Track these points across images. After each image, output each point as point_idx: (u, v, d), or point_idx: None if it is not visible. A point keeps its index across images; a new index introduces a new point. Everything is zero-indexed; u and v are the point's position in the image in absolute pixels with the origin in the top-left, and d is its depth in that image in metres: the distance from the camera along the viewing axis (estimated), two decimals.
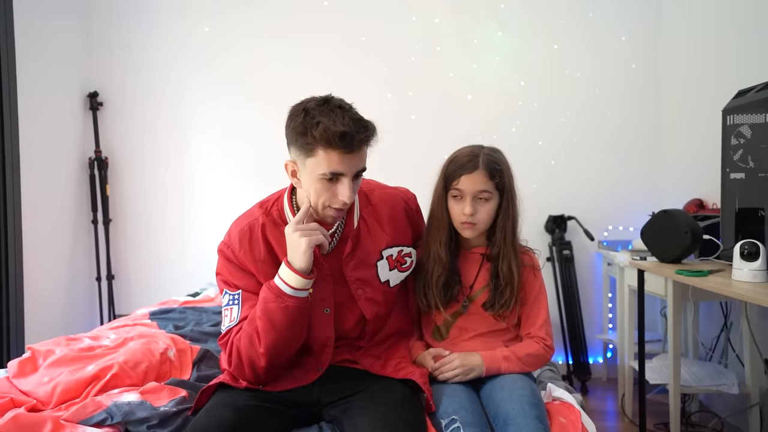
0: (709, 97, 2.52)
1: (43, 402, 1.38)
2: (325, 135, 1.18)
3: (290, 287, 1.22)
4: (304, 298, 1.24)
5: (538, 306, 1.45)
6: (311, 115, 1.21)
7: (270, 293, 1.23)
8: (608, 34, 3.08)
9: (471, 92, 3.14)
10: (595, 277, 3.15)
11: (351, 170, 1.23)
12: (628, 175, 3.09)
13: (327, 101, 1.24)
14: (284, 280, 1.23)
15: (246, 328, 1.26)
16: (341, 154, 1.20)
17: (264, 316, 1.23)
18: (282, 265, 1.25)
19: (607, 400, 2.84)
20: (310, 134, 1.19)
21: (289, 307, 1.22)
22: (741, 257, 1.58)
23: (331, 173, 1.22)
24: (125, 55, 3.22)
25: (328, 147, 1.19)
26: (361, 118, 1.24)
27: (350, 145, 1.19)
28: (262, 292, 1.26)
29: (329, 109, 1.21)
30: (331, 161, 1.20)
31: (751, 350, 2.13)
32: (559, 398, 1.37)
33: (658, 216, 1.92)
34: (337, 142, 1.18)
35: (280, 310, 1.22)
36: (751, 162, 1.73)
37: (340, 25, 3.16)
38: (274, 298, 1.23)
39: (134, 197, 3.26)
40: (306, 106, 1.24)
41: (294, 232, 1.22)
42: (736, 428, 2.37)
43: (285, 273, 1.23)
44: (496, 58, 3.13)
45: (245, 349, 1.26)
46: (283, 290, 1.22)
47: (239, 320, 1.29)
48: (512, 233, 1.43)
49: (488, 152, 1.43)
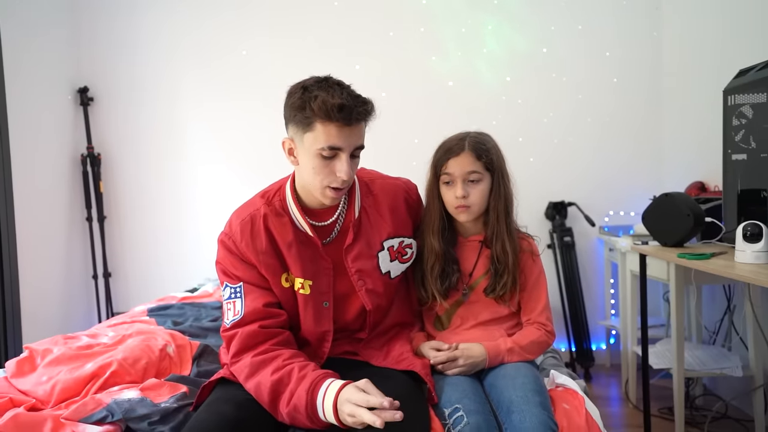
0: (709, 78, 2.50)
1: (42, 401, 1.37)
2: (323, 107, 1.18)
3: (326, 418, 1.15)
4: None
5: (537, 291, 1.45)
6: (309, 90, 1.21)
7: (305, 412, 1.16)
8: (608, 13, 3.04)
9: (453, 79, 3.12)
10: (596, 263, 3.14)
11: (349, 145, 1.23)
12: (628, 159, 3.07)
13: (326, 79, 1.24)
14: (326, 414, 1.14)
15: (264, 385, 1.20)
16: (339, 127, 1.20)
17: (289, 414, 1.18)
18: (330, 395, 1.14)
19: (611, 386, 2.84)
20: (308, 107, 1.19)
21: (315, 423, 1.17)
22: (743, 239, 1.57)
23: (329, 147, 1.21)
24: (115, 49, 3.18)
25: (326, 120, 1.19)
26: (359, 95, 1.24)
27: (348, 118, 1.19)
28: (299, 399, 1.16)
29: (328, 85, 1.22)
30: (329, 134, 1.20)
31: (754, 332, 2.12)
32: (562, 385, 1.37)
33: (659, 200, 1.90)
34: (335, 114, 1.18)
35: (305, 422, 1.17)
36: (753, 142, 1.71)
37: (333, 20, 3.12)
38: (306, 417, 1.16)
39: (129, 193, 3.23)
40: (305, 83, 1.24)
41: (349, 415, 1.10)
42: (740, 411, 2.36)
43: (329, 410, 1.13)
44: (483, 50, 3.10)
45: (251, 388, 1.23)
46: (321, 418, 1.15)
47: (243, 314, 1.27)
48: (505, 213, 1.43)
49: (474, 135, 1.43)
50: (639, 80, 3.05)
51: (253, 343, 1.26)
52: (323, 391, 1.15)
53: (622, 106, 3.06)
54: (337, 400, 1.12)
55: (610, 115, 3.07)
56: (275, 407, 1.20)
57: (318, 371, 1.21)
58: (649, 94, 3.05)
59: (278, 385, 1.19)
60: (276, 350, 1.25)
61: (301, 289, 1.32)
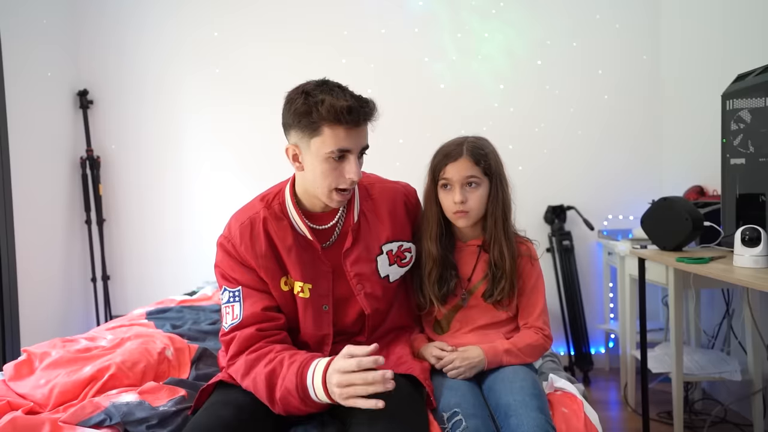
0: (707, 82, 2.51)
1: (40, 404, 1.36)
2: (332, 110, 1.18)
3: (317, 397, 1.15)
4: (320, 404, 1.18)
5: (535, 295, 1.45)
6: (312, 95, 1.21)
7: (296, 394, 1.16)
8: (606, 20, 3.05)
9: (445, 82, 3.12)
10: (595, 266, 3.14)
11: (357, 146, 1.24)
12: (627, 163, 3.07)
13: (325, 82, 1.25)
14: (316, 390, 1.15)
15: (259, 379, 1.20)
16: (347, 130, 1.21)
17: (282, 399, 1.18)
18: (319, 371, 1.15)
19: (610, 390, 2.84)
20: (315, 112, 1.19)
21: (309, 406, 1.18)
22: (742, 243, 1.57)
23: (338, 150, 1.22)
24: (115, 53, 3.18)
25: (334, 123, 1.19)
26: (361, 96, 1.25)
27: (357, 120, 1.20)
28: (290, 382, 1.16)
29: (329, 89, 1.22)
30: (338, 138, 1.21)
31: (753, 337, 2.12)
32: (561, 389, 1.36)
33: (658, 204, 1.90)
34: (344, 117, 1.18)
35: (298, 405, 1.18)
36: (752, 147, 1.71)
37: (329, 25, 3.13)
38: (298, 400, 1.16)
39: (128, 196, 3.23)
40: (304, 88, 1.24)
41: (345, 387, 1.10)
42: (739, 415, 2.36)
43: (318, 386, 1.14)
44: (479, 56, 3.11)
45: (248, 385, 1.23)
46: (312, 397, 1.16)
47: (242, 318, 1.27)
48: (503, 218, 1.43)
49: (472, 140, 1.43)
50: (638, 84, 3.06)
51: (250, 345, 1.26)
52: (312, 370, 1.15)
53: (621, 109, 3.07)
54: (326, 376, 1.12)
55: (610, 119, 3.07)
56: (272, 399, 1.20)
57: (306, 354, 1.21)
58: (648, 98, 3.06)
59: (271, 375, 1.19)
60: (268, 345, 1.26)
61: (301, 293, 1.32)
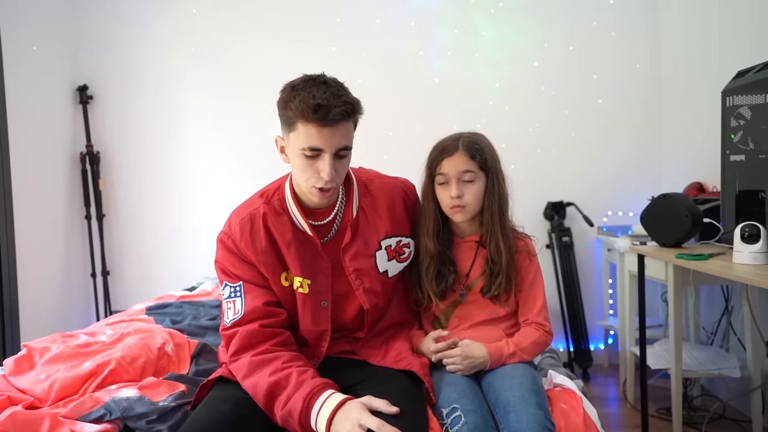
0: (708, 78, 2.50)
1: (40, 399, 1.37)
2: (300, 107, 1.18)
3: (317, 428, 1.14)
4: None
5: (534, 291, 1.45)
6: (295, 90, 1.21)
7: (298, 419, 1.15)
8: (604, 21, 3.04)
9: (439, 77, 3.10)
10: (595, 263, 3.14)
11: (330, 146, 1.22)
12: (627, 159, 3.07)
13: (314, 78, 1.24)
14: (318, 425, 1.14)
15: (261, 386, 1.20)
16: (318, 128, 1.19)
17: (282, 417, 1.18)
18: (327, 408, 1.14)
19: (609, 386, 2.84)
20: (289, 107, 1.21)
21: (306, 430, 1.16)
22: (741, 240, 1.57)
23: (309, 148, 1.21)
24: (115, 48, 3.17)
25: (305, 120, 1.19)
26: (344, 94, 1.22)
27: (325, 118, 1.18)
28: (295, 404, 1.15)
29: (313, 84, 1.21)
30: (309, 135, 1.20)
31: (752, 333, 2.12)
32: (560, 385, 1.37)
33: (657, 200, 1.90)
34: (310, 114, 1.18)
35: (296, 427, 1.17)
36: (751, 143, 1.71)
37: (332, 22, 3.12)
38: (298, 423, 1.15)
39: (127, 192, 3.23)
40: (294, 82, 1.24)
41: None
42: (738, 411, 2.37)
43: (322, 423, 1.12)
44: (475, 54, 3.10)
45: (248, 387, 1.23)
46: (312, 426, 1.15)
47: (244, 313, 1.27)
48: (499, 212, 1.43)
49: (468, 135, 1.44)
50: (638, 80, 3.05)
51: (254, 342, 1.26)
52: (320, 402, 1.15)
53: (621, 106, 3.06)
54: (334, 417, 1.11)
55: (609, 115, 3.07)
56: (270, 409, 1.20)
57: (317, 380, 1.20)
58: (648, 95, 3.05)
59: (275, 387, 1.18)
60: (276, 351, 1.25)
61: (300, 288, 1.32)
